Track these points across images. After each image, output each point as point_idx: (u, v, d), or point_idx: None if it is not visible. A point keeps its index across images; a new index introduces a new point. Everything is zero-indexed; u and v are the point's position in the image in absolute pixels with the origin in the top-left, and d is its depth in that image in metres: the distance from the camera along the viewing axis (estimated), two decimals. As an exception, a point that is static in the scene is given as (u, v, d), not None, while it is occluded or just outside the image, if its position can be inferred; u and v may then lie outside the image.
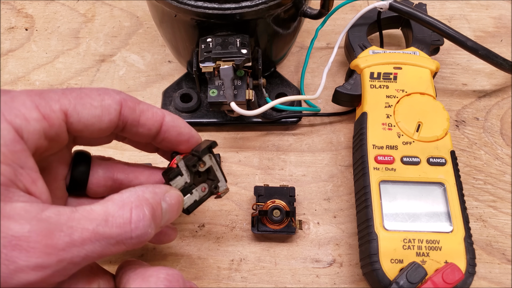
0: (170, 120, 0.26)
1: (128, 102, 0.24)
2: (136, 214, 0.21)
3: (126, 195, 0.22)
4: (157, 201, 0.23)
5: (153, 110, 0.26)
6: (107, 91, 0.24)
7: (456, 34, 0.38)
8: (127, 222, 0.21)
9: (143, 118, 0.25)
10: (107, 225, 0.20)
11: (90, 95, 0.23)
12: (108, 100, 0.24)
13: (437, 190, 0.32)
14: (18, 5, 0.49)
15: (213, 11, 0.32)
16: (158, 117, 0.26)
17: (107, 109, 0.23)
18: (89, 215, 0.20)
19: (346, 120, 0.41)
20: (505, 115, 0.41)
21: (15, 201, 0.20)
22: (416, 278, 0.28)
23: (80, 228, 0.20)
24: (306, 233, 0.36)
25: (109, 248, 0.20)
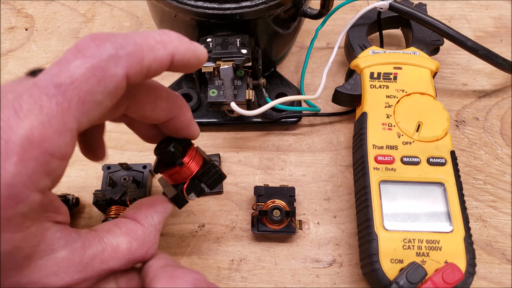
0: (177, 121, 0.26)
1: (132, 70, 0.20)
2: (152, 249, 0.25)
3: (148, 232, 0.24)
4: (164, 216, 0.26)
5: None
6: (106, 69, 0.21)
7: (456, 34, 0.38)
8: (141, 258, 0.24)
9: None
10: (128, 263, 0.23)
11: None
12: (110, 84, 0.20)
13: (437, 190, 0.32)
14: (18, 5, 0.49)
15: (213, 11, 0.32)
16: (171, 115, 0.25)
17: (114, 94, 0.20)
18: (116, 254, 0.23)
19: (346, 120, 0.41)
20: (505, 115, 0.41)
21: (55, 250, 0.20)
22: (416, 278, 0.28)
23: (106, 267, 0.22)
24: (306, 233, 0.36)
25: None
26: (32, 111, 0.17)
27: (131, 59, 0.19)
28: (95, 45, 0.19)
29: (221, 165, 0.39)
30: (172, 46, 0.21)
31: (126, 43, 0.19)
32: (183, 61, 0.22)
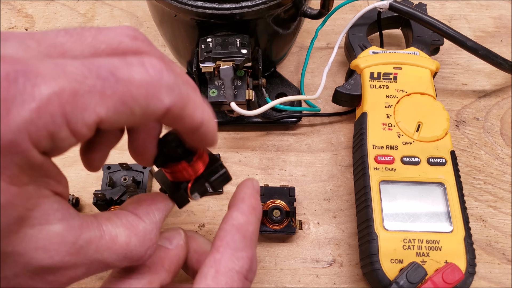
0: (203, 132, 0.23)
1: (174, 109, 0.20)
2: (151, 250, 0.22)
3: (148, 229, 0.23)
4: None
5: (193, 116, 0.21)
6: (157, 89, 0.19)
7: (456, 34, 0.38)
8: (139, 258, 0.22)
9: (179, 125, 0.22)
10: (125, 260, 0.21)
11: (134, 96, 0.18)
12: (154, 106, 0.19)
13: (437, 190, 0.32)
14: (18, 5, 0.49)
15: (213, 11, 0.32)
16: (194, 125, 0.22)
17: (148, 117, 0.19)
18: (113, 245, 0.21)
19: (346, 120, 0.41)
20: (505, 115, 0.41)
21: (50, 222, 0.19)
22: (416, 278, 0.28)
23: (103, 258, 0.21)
24: (306, 233, 0.36)
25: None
26: (74, 76, 0.17)
27: (179, 100, 0.20)
28: None
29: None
30: (207, 115, 0.23)
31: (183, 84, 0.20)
32: (206, 134, 0.23)
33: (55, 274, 0.19)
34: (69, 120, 0.17)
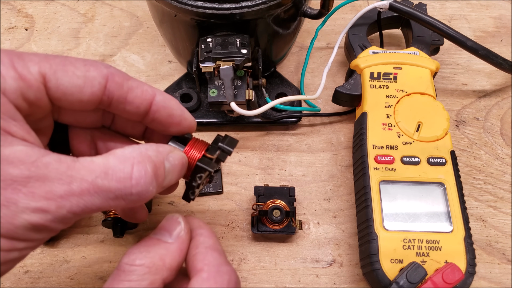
0: (161, 100, 0.25)
1: (115, 77, 0.23)
2: (138, 170, 0.21)
3: (129, 151, 0.21)
4: (160, 160, 0.22)
5: (143, 88, 0.24)
6: (95, 63, 0.23)
7: (456, 34, 0.38)
8: (128, 177, 0.20)
9: (131, 95, 0.24)
10: (107, 178, 0.20)
11: (74, 64, 0.22)
12: (93, 72, 0.23)
13: (437, 190, 0.32)
14: (18, 5, 0.49)
15: (213, 11, 0.32)
16: (148, 96, 0.25)
17: (90, 81, 0.22)
18: (90, 165, 0.20)
19: (346, 120, 0.41)
20: (505, 115, 0.41)
21: (15, 144, 0.19)
22: (416, 278, 0.28)
23: (79, 179, 0.20)
24: (306, 233, 0.36)
25: (108, 202, 0.20)
26: None
27: (118, 73, 0.24)
28: None
29: (221, 165, 0.39)
30: (157, 90, 0.25)
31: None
32: (164, 107, 0.25)
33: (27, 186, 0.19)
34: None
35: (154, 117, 0.25)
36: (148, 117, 0.25)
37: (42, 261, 0.35)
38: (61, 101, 0.23)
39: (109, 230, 0.36)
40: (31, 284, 0.34)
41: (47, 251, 0.35)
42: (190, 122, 0.27)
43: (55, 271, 0.34)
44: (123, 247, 0.35)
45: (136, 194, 0.21)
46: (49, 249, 0.35)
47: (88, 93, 0.23)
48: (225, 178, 0.38)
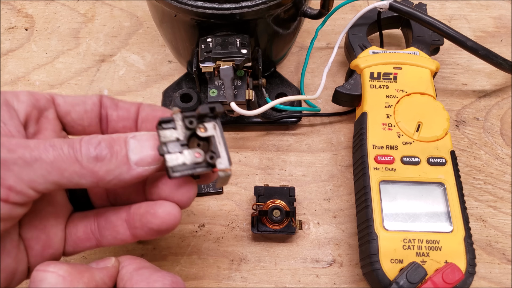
0: (146, 105, 0.28)
1: (104, 97, 0.28)
2: (87, 139, 0.23)
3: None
4: (120, 137, 0.24)
5: (130, 102, 0.28)
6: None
7: (456, 34, 0.38)
8: (78, 141, 0.23)
9: (121, 103, 0.28)
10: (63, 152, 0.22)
11: (73, 97, 0.28)
12: (88, 97, 0.27)
13: (437, 190, 0.32)
14: (18, 5, 0.49)
15: (213, 11, 0.32)
16: (135, 104, 0.28)
17: (89, 97, 0.27)
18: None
19: (346, 120, 0.41)
20: (505, 115, 0.41)
21: None
22: (416, 278, 0.28)
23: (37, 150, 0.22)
24: (306, 233, 0.36)
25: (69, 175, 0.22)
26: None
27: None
28: None
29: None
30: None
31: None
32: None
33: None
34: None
35: (143, 118, 0.28)
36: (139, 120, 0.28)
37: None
38: (70, 114, 0.27)
39: (109, 230, 0.36)
40: (31, 284, 0.34)
41: (47, 251, 0.35)
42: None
43: (55, 271, 0.34)
44: (123, 247, 0.35)
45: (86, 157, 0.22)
46: (49, 249, 0.35)
47: (90, 104, 0.27)
48: (225, 178, 0.38)
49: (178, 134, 0.23)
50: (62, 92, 0.43)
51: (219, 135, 0.24)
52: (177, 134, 0.23)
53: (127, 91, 0.43)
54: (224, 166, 0.24)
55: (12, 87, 0.43)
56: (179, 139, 0.23)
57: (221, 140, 0.24)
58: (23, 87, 0.43)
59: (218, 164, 0.24)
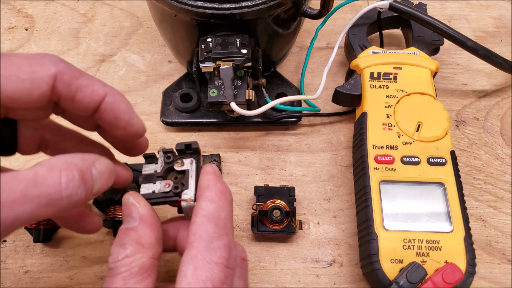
0: (110, 102, 0.25)
1: (64, 76, 0.23)
2: (66, 175, 0.21)
3: (54, 160, 0.22)
4: (86, 166, 0.23)
5: (93, 87, 0.24)
6: (42, 60, 0.22)
7: (456, 34, 0.38)
8: (57, 183, 0.21)
9: (80, 95, 0.24)
10: (37, 186, 0.20)
11: (19, 65, 0.22)
12: (39, 72, 0.22)
13: (437, 190, 0.32)
14: (18, 5, 0.49)
15: (213, 11, 0.32)
16: (97, 96, 0.24)
17: (37, 83, 0.22)
18: (18, 176, 0.20)
19: (346, 120, 0.41)
20: (505, 115, 0.41)
21: None
22: (416, 278, 0.28)
23: (8, 190, 0.19)
24: (306, 233, 0.36)
25: (40, 209, 0.20)
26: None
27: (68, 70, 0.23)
28: None
29: (221, 165, 0.39)
30: (109, 89, 0.25)
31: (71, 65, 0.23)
32: (114, 105, 0.25)
33: None
34: None
35: (100, 116, 0.25)
36: (96, 115, 0.25)
37: (42, 261, 0.35)
38: (9, 104, 0.22)
39: (109, 230, 0.36)
40: (31, 284, 0.34)
41: (47, 251, 0.35)
42: (137, 129, 0.26)
43: (55, 271, 0.34)
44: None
45: (67, 198, 0.21)
46: (49, 249, 0.35)
47: (36, 95, 0.22)
48: (225, 178, 0.38)
49: (157, 167, 0.28)
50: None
51: (194, 169, 0.27)
52: (156, 167, 0.28)
53: (127, 91, 0.43)
54: (187, 197, 0.26)
55: (12, 87, 0.43)
56: (156, 171, 0.27)
57: (194, 174, 0.27)
58: (23, 87, 0.43)
59: (183, 195, 0.26)
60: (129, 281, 0.23)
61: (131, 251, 0.24)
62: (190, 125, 0.41)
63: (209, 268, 0.23)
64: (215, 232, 0.24)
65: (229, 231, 0.25)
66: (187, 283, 0.22)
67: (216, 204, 0.25)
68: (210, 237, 0.23)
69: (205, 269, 0.23)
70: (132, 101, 0.42)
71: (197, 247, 0.23)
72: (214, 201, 0.25)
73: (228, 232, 0.24)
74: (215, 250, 0.23)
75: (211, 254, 0.23)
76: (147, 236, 0.24)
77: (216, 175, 0.26)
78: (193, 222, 0.24)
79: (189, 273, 0.22)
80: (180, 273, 0.23)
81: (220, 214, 0.24)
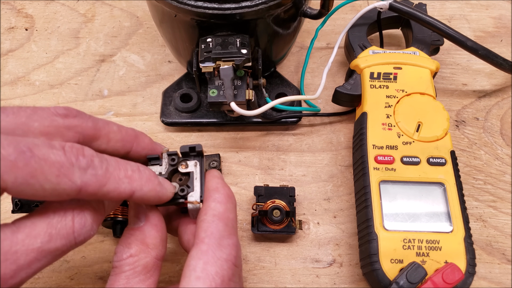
0: (138, 198, 0.24)
1: (89, 188, 0.21)
2: (78, 222, 0.21)
3: (68, 203, 0.22)
4: (99, 203, 0.23)
5: (120, 189, 0.23)
6: (71, 169, 0.20)
7: (456, 34, 0.38)
8: (70, 232, 0.21)
9: (106, 198, 0.23)
10: (52, 240, 0.20)
11: (46, 174, 0.20)
12: (65, 185, 0.20)
13: (437, 190, 0.32)
14: (18, 5, 0.49)
15: (213, 11, 0.32)
16: (124, 196, 0.23)
17: (58, 195, 0.20)
18: (32, 232, 0.20)
19: (346, 120, 0.41)
20: (505, 115, 0.41)
21: None
22: (416, 278, 0.28)
23: (25, 251, 0.19)
24: (306, 233, 0.36)
25: (55, 258, 0.21)
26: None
27: (94, 180, 0.21)
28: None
29: (221, 165, 0.39)
30: (137, 184, 0.23)
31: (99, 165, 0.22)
32: (143, 198, 0.24)
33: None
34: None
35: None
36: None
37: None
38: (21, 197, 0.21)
39: (109, 230, 0.36)
40: (31, 284, 0.34)
41: (47, 251, 0.35)
42: (166, 197, 0.26)
43: (55, 271, 0.34)
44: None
45: (80, 243, 0.22)
46: (49, 249, 0.35)
47: (56, 199, 0.21)
48: (225, 178, 0.38)
49: (161, 169, 0.27)
50: (62, 92, 0.43)
51: (198, 171, 0.27)
52: (160, 169, 0.27)
53: (127, 91, 0.43)
54: (194, 199, 0.27)
55: (12, 87, 0.43)
56: (161, 174, 0.27)
57: (199, 176, 0.27)
58: (23, 87, 0.43)
59: (189, 197, 0.27)
60: (132, 280, 0.23)
61: (135, 251, 0.24)
62: (190, 125, 0.41)
63: (219, 264, 0.23)
64: (225, 231, 0.24)
65: (236, 232, 0.25)
66: (197, 277, 0.22)
67: (225, 205, 0.25)
68: (221, 235, 0.24)
69: (215, 265, 0.23)
70: (132, 101, 0.43)
71: (208, 243, 0.24)
72: (223, 202, 0.26)
73: (235, 232, 0.25)
74: (225, 247, 0.24)
75: (222, 251, 0.23)
76: (152, 237, 0.25)
77: (223, 180, 0.27)
78: (203, 220, 0.25)
79: (199, 267, 0.23)
80: (188, 267, 0.23)
81: (229, 216, 0.25)
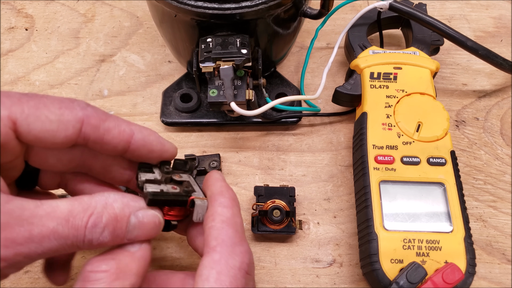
0: (140, 138, 0.25)
1: (91, 120, 0.23)
2: (93, 220, 0.21)
3: (96, 199, 0.22)
4: (124, 214, 0.22)
5: (120, 128, 0.24)
6: (71, 104, 0.23)
7: (456, 34, 0.38)
8: (83, 226, 0.21)
9: (108, 136, 0.24)
10: (67, 225, 0.20)
11: (49, 107, 0.22)
12: (67, 115, 0.22)
13: (437, 190, 0.32)
14: (18, 5, 0.49)
15: (213, 11, 0.32)
16: (125, 136, 0.24)
17: (64, 125, 0.22)
18: (53, 212, 0.20)
19: (346, 120, 0.41)
20: (505, 115, 0.41)
21: None
22: (416, 278, 0.28)
23: (40, 225, 0.20)
24: (306, 233, 0.36)
25: (64, 247, 0.21)
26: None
27: (95, 114, 0.23)
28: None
29: (221, 165, 0.39)
30: (135, 127, 0.24)
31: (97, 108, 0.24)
32: (145, 142, 0.24)
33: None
34: None
35: (133, 154, 0.25)
36: (127, 154, 0.25)
37: (42, 261, 0.35)
38: (33, 143, 0.23)
39: (109, 230, 0.36)
40: (31, 284, 0.34)
41: (47, 251, 0.35)
42: (171, 153, 0.27)
43: (55, 271, 0.34)
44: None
45: (87, 242, 0.21)
46: (49, 249, 0.35)
47: (61, 137, 0.23)
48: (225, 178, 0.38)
49: (156, 176, 0.26)
50: (62, 92, 0.43)
51: (194, 182, 0.27)
52: (154, 176, 0.26)
53: (127, 91, 0.43)
54: (201, 196, 0.26)
55: (12, 87, 0.43)
56: (156, 178, 0.26)
57: (196, 184, 0.27)
58: (23, 87, 0.43)
59: (193, 194, 0.26)
60: None
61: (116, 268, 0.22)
62: (190, 125, 0.41)
63: (232, 273, 0.22)
64: (236, 237, 0.24)
65: (245, 237, 0.25)
66: (210, 286, 0.22)
67: (231, 210, 0.25)
68: (232, 242, 0.23)
69: (228, 275, 0.22)
70: (132, 101, 0.43)
71: (221, 251, 0.23)
72: (230, 207, 0.25)
73: (245, 238, 0.24)
74: (238, 255, 0.23)
75: (235, 260, 0.23)
76: (139, 265, 0.23)
77: (226, 182, 0.27)
78: (212, 227, 0.24)
79: (212, 277, 0.22)
80: (200, 276, 0.22)
81: (237, 220, 0.25)
